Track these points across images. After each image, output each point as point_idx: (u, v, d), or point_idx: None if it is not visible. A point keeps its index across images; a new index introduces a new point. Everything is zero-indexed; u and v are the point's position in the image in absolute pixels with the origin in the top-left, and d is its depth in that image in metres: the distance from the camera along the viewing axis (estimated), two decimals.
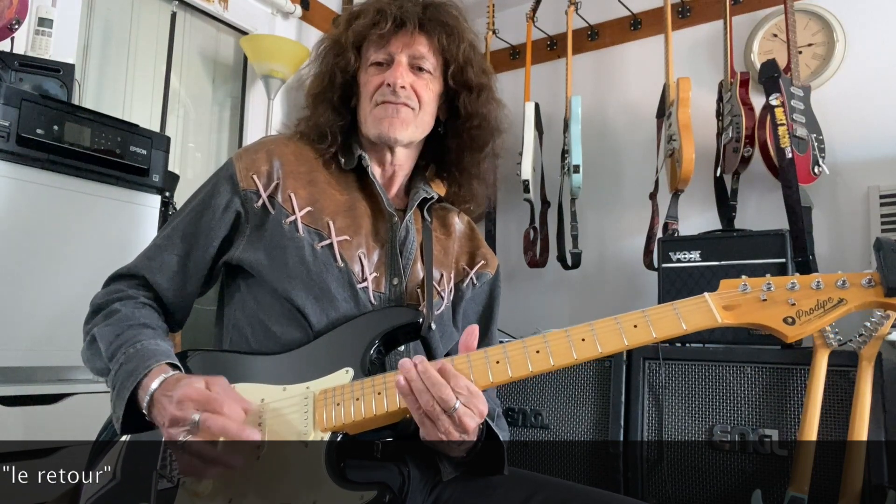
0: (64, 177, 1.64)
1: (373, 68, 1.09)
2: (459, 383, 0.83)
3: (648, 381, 1.91)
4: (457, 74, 1.11)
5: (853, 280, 0.81)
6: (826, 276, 0.82)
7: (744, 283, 0.85)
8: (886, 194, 2.17)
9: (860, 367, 1.59)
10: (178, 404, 0.83)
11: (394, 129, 1.07)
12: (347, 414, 0.88)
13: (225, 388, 0.87)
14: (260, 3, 2.83)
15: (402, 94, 1.06)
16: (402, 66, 1.07)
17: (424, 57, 1.08)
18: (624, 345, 0.84)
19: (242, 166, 1.06)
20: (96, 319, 1.00)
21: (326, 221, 1.04)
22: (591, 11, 2.84)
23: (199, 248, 1.05)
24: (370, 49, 1.09)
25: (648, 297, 2.46)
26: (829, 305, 0.81)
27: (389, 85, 1.06)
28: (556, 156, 2.71)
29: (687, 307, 0.85)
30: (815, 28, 2.40)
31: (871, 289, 0.80)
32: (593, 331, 0.85)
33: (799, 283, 0.83)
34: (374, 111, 1.08)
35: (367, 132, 1.09)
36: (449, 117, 1.16)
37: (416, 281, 1.08)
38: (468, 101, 1.12)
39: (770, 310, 0.83)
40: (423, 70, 1.09)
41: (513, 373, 0.86)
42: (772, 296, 0.84)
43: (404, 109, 1.07)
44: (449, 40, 1.09)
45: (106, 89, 2.41)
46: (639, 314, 0.85)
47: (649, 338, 0.84)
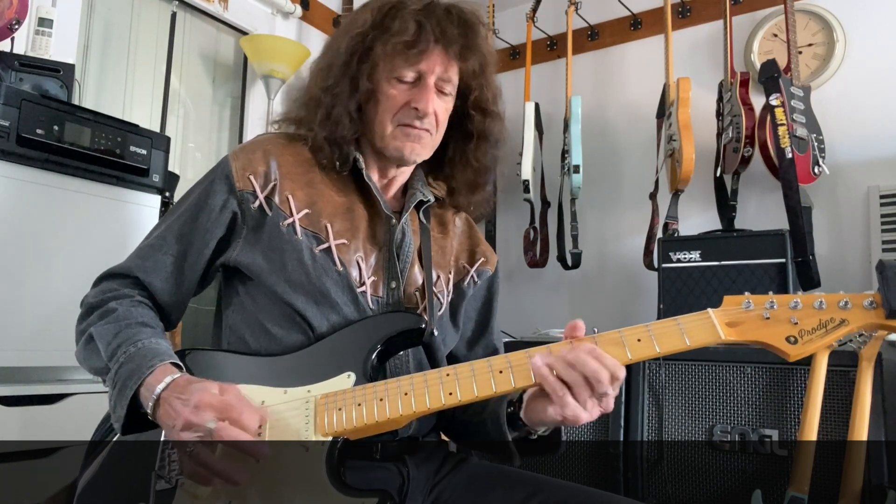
0: (64, 177, 1.64)
1: (397, 82, 1.04)
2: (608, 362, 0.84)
3: (648, 381, 1.91)
4: (478, 102, 1.10)
5: (855, 301, 0.82)
6: (829, 297, 0.83)
7: (747, 300, 0.86)
8: (886, 194, 2.17)
9: (860, 367, 1.59)
10: (194, 409, 0.82)
11: (415, 153, 1.06)
12: (349, 419, 0.88)
13: (239, 397, 0.86)
14: (260, 3, 2.83)
15: (427, 122, 1.04)
16: (432, 92, 1.03)
17: (452, 81, 1.07)
18: (627, 358, 0.85)
19: (239, 166, 1.03)
20: (91, 318, 0.98)
21: (324, 224, 1.03)
22: (591, 11, 2.84)
23: (195, 248, 1.03)
24: (397, 59, 1.03)
25: (648, 297, 2.46)
26: (830, 326, 0.82)
27: (418, 110, 1.03)
28: (556, 156, 2.71)
29: (691, 323, 0.85)
30: (815, 28, 2.40)
31: (873, 310, 0.81)
32: (596, 343, 0.86)
33: (802, 302, 0.83)
34: (395, 131, 1.04)
35: (382, 147, 1.06)
36: (452, 127, 1.13)
37: (415, 284, 1.07)
38: (480, 124, 1.12)
39: (773, 328, 0.83)
40: (445, 93, 1.06)
41: (514, 386, 0.87)
42: (774, 314, 0.84)
43: (426, 135, 1.06)
44: (481, 68, 1.08)
45: (106, 89, 2.41)
46: (643, 328, 0.86)
47: (653, 352, 0.85)
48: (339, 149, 1.05)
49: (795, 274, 1.94)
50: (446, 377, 0.88)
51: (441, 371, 0.89)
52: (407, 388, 0.88)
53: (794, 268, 1.93)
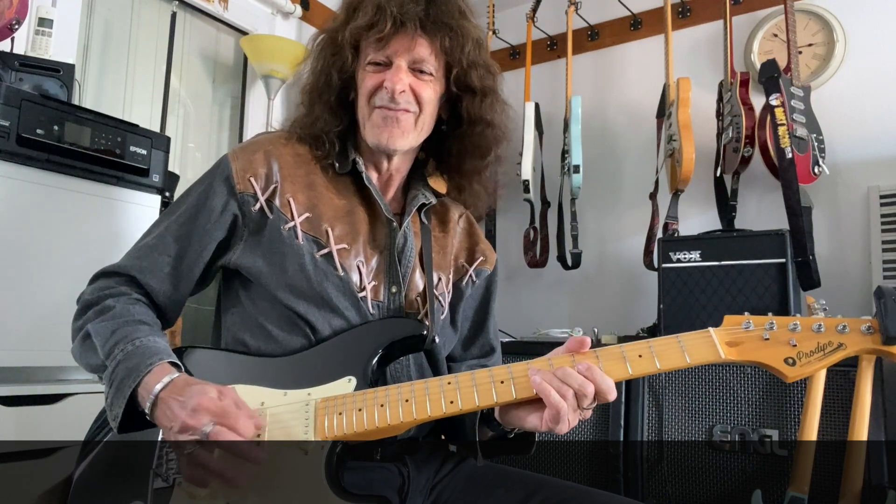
0: (64, 177, 1.64)
1: (371, 67, 1.04)
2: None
3: (648, 381, 1.91)
4: (460, 78, 1.06)
5: (853, 326, 0.84)
6: (827, 320, 0.85)
7: (747, 320, 0.87)
8: (886, 194, 2.16)
9: (860, 367, 1.59)
10: (192, 412, 0.81)
11: (393, 139, 1.03)
12: (349, 424, 0.88)
13: (237, 401, 0.85)
14: (260, 3, 2.83)
15: (402, 99, 1.01)
16: (401, 71, 1.01)
17: (425, 60, 1.03)
18: (628, 374, 0.85)
19: (239, 167, 1.02)
20: (88, 315, 0.97)
21: (325, 229, 1.02)
22: (591, 11, 2.84)
23: (193, 250, 1.02)
24: (368, 48, 1.04)
25: (648, 298, 2.46)
26: (829, 349, 0.83)
27: (388, 89, 1.01)
28: (556, 156, 2.71)
29: (691, 341, 0.86)
30: (815, 28, 2.40)
31: (870, 336, 0.83)
32: (598, 358, 0.86)
33: (801, 324, 0.85)
34: (373, 117, 1.03)
35: (366, 138, 1.05)
36: (451, 117, 1.11)
37: (416, 290, 1.06)
38: (471, 106, 1.08)
39: (772, 349, 0.85)
40: (424, 72, 1.03)
41: (515, 397, 0.88)
42: (774, 335, 0.85)
43: (404, 117, 1.02)
44: (452, 43, 1.03)
45: (106, 89, 2.41)
46: (644, 345, 0.86)
47: (653, 369, 0.85)
48: (328, 143, 1.05)
49: (795, 274, 1.94)
50: (447, 385, 0.88)
51: (442, 379, 0.89)
52: (408, 395, 0.88)
53: (794, 268, 1.92)
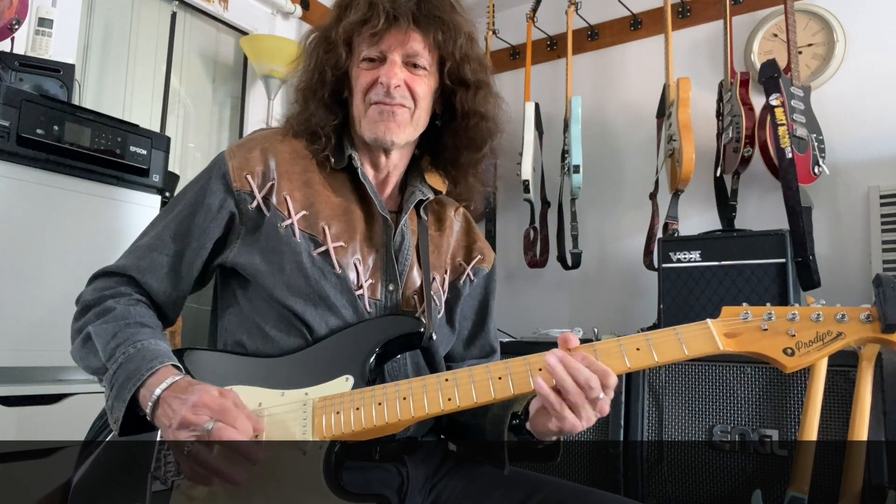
0: (64, 177, 1.64)
1: (365, 63, 1.04)
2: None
3: (648, 381, 1.91)
4: (453, 72, 1.06)
5: (852, 314, 0.83)
6: (826, 309, 0.84)
7: (745, 311, 0.87)
8: (886, 194, 2.16)
9: (860, 367, 1.59)
10: (192, 408, 0.81)
11: (390, 133, 1.03)
12: (347, 423, 0.88)
13: (237, 402, 0.85)
14: (260, 3, 2.83)
15: (397, 94, 1.02)
16: (396, 66, 1.02)
17: (419, 55, 1.04)
18: (626, 367, 0.85)
19: (236, 165, 1.02)
20: (88, 317, 0.97)
21: (322, 227, 1.02)
22: (591, 11, 2.84)
23: (192, 248, 1.01)
24: (362, 44, 1.04)
25: (648, 298, 2.46)
26: (827, 339, 0.83)
27: (383, 84, 1.01)
28: (556, 156, 2.71)
29: (689, 333, 0.86)
30: (815, 28, 2.40)
31: (869, 324, 0.82)
32: (595, 352, 0.86)
33: (799, 314, 0.84)
34: (369, 112, 1.03)
35: (362, 133, 1.05)
36: (445, 111, 1.12)
37: (413, 287, 1.06)
38: (465, 99, 1.08)
39: (770, 339, 0.85)
40: (418, 66, 1.04)
41: (513, 392, 0.87)
42: (772, 325, 0.85)
43: (400, 111, 1.03)
44: (445, 36, 1.04)
45: (106, 89, 2.41)
46: (641, 337, 0.86)
47: (651, 362, 0.85)
48: (324, 137, 1.05)
49: (795, 274, 1.94)
50: (445, 382, 0.88)
51: (440, 376, 0.89)
52: (406, 393, 0.88)
53: (794, 268, 1.92)
